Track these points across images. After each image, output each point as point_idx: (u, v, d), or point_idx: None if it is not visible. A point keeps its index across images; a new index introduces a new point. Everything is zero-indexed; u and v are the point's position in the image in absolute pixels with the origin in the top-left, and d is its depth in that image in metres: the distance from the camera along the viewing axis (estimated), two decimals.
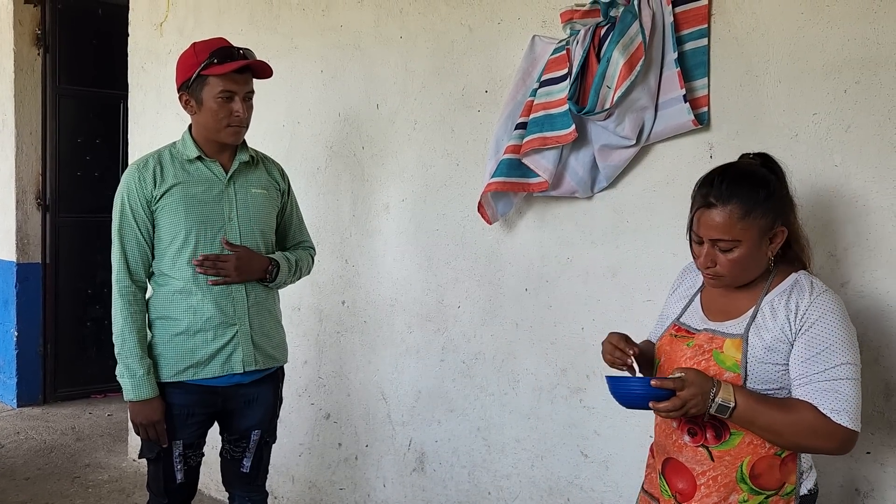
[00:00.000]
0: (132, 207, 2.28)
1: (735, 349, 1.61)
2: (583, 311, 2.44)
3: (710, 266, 1.64)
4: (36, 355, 5.24)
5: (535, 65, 2.44)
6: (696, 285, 1.81)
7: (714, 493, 1.63)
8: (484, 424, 2.73)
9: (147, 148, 4.06)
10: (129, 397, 2.27)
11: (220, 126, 2.29)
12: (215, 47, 2.27)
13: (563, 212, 2.49)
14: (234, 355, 2.33)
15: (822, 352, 1.55)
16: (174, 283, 2.31)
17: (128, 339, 2.26)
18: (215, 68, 2.24)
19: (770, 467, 1.60)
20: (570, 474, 2.50)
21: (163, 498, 2.39)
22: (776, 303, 1.61)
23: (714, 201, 1.60)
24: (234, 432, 2.46)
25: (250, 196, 2.39)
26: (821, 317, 1.56)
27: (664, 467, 1.73)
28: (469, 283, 2.75)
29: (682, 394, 1.54)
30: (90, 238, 5.31)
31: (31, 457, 4.27)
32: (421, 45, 2.84)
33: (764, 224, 1.60)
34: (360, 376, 3.13)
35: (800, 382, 1.56)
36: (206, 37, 2.38)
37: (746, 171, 1.65)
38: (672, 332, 1.75)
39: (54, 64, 5.16)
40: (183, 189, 2.29)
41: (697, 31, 2.12)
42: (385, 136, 2.99)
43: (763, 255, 1.63)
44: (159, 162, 2.32)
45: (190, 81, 2.27)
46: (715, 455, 1.63)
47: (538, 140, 2.29)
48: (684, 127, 2.14)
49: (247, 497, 2.56)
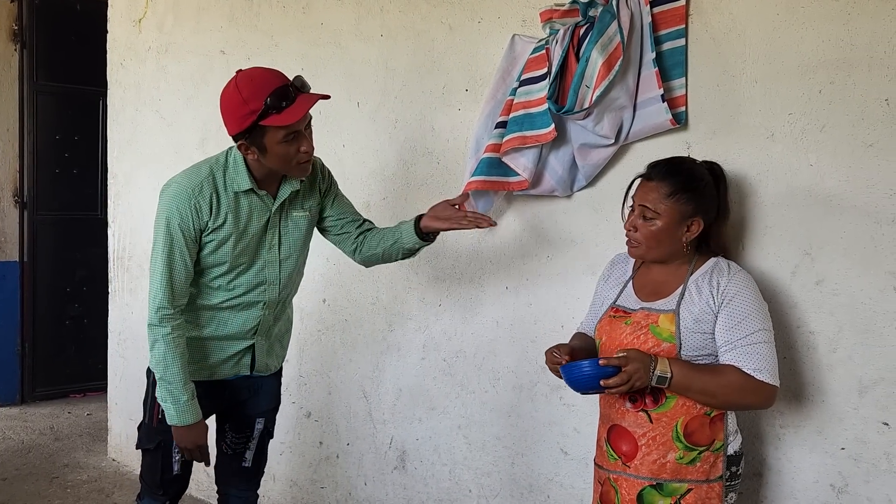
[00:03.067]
0: (185, 234, 2.14)
1: (669, 322, 1.84)
2: (562, 309, 2.46)
3: (631, 231, 1.92)
4: (14, 354, 5.19)
5: (514, 64, 2.44)
6: (627, 272, 2.04)
7: (654, 451, 1.85)
8: (465, 422, 2.74)
9: (126, 146, 4.05)
10: (174, 422, 2.20)
11: (290, 167, 2.14)
12: (269, 91, 2.00)
13: (543, 210, 2.50)
14: (244, 360, 2.34)
15: (741, 321, 1.79)
16: (205, 299, 2.26)
17: (170, 364, 2.16)
18: (276, 118, 2.00)
19: (701, 425, 1.83)
20: (551, 471, 2.51)
21: (157, 489, 2.37)
22: (700, 281, 1.87)
23: (652, 175, 1.89)
24: (240, 421, 2.44)
25: (292, 221, 2.31)
26: (738, 292, 1.82)
27: (609, 434, 1.94)
28: (450, 282, 2.76)
29: (627, 369, 1.76)
30: (69, 236, 5.28)
31: (9, 457, 4.23)
32: (401, 43, 2.84)
33: (683, 210, 1.85)
34: (340, 374, 3.13)
35: (725, 349, 1.80)
36: (186, 35, 2.38)
37: (687, 165, 1.92)
38: (611, 314, 1.97)
39: (31, 60, 5.10)
40: (234, 221, 2.18)
41: (675, 32, 2.14)
42: (366, 135, 2.99)
43: (678, 239, 1.88)
44: (215, 188, 2.16)
45: (248, 131, 2.05)
46: (653, 417, 1.85)
47: (518, 139, 2.30)
48: (662, 126, 2.16)
49: (243, 496, 2.53)
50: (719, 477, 1.85)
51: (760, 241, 2.05)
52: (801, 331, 1.99)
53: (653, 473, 1.85)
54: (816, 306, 1.96)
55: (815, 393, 1.98)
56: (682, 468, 1.84)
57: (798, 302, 1.99)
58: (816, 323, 1.97)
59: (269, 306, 2.30)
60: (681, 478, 1.84)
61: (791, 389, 2.01)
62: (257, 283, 2.27)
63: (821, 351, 1.97)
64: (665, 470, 1.84)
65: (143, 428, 2.39)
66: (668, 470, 1.84)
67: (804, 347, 1.99)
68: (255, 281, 2.26)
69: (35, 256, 5.23)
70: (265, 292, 2.28)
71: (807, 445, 2.00)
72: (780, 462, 2.04)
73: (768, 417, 2.06)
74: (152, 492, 2.39)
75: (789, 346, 2.00)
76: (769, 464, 2.07)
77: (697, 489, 1.84)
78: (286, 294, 2.36)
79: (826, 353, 1.96)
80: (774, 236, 2.03)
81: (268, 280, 2.28)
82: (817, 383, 1.98)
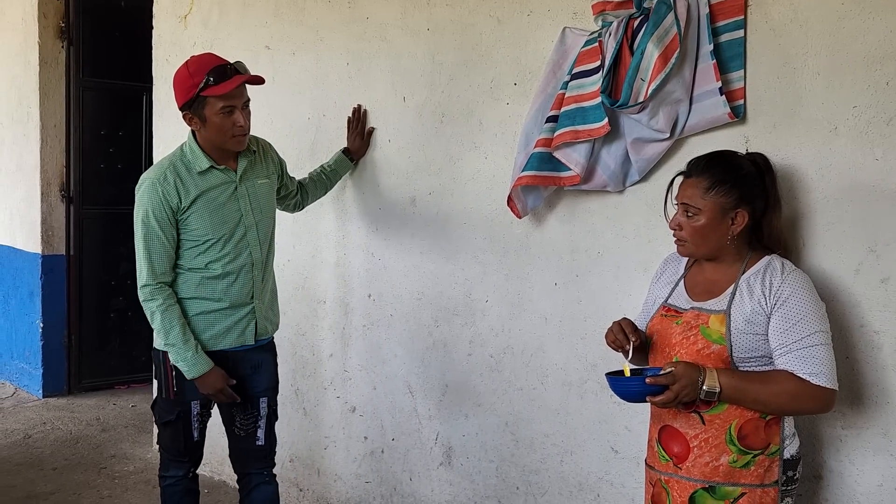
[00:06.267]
0: (158, 219, 2.47)
1: (719, 324, 1.80)
2: (614, 306, 2.42)
3: (676, 229, 1.89)
4: (60, 346, 5.29)
5: (565, 57, 2.41)
6: (679, 271, 2.01)
7: (706, 453, 1.81)
8: (512, 419, 2.72)
9: (172, 140, 4.07)
10: (192, 376, 2.50)
11: (225, 138, 2.49)
12: (210, 67, 2.41)
13: (594, 206, 2.46)
14: (248, 330, 2.62)
15: (796, 323, 1.74)
16: (197, 273, 2.55)
17: (170, 329, 2.48)
18: (213, 89, 2.40)
19: (756, 429, 1.78)
20: (601, 470, 2.49)
21: (183, 456, 2.67)
22: (752, 281, 1.82)
23: (690, 172, 1.87)
24: (245, 401, 2.64)
25: (257, 187, 2.63)
26: (793, 293, 1.76)
27: (660, 434, 1.90)
28: (497, 278, 2.74)
29: (674, 387, 1.73)
30: (113, 230, 5.34)
31: (58, 447, 4.31)
32: (448, 37, 2.82)
33: (725, 202, 1.81)
34: (386, 370, 3.13)
35: (779, 352, 1.76)
36: (231, 30, 2.40)
37: (725, 158, 1.88)
38: (662, 313, 1.94)
39: (78, 57, 5.17)
40: (205, 198, 2.52)
41: (733, 23, 2.09)
42: (412, 129, 2.97)
43: (723, 232, 1.84)
44: (177, 174, 2.50)
45: (191, 102, 2.43)
46: (706, 419, 1.81)
47: (570, 133, 2.27)
48: (720, 120, 2.11)
49: (263, 473, 2.72)
50: (775, 482, 1.80)
51: (822, 238, 2.00)
52: (865, 330, 1.93)
53: (705, 476, 1.81)
54: (882, 305, 1.91)
55: (880, 394, 1.92)
56: (735, 472, 1.79)
57: (861, 300, 1.94)
58: (881, 322, 1.91)
59: (257, 266, 2.62)
60: (734, 481, 1.79)
61: (853, 391, 1.95)
62: (243, 247, 2.59)
63: (885, 351, 1.91)
64: (718, 473, 1.80)
65: (159, 403, 2.67)
66: (720, 473, 1.80)
67: (868, 348, 1.94)
68: (240, 245, 2.58)
69: (81, 250, 5.32)
70: (251, 254, 2.60)
71: (870, 448, 1.94)
72: (842, 465, 1.99)
73: (829, 420, 2.00)
74: (177, 461, 2.67)
75: (852, 347, 1.95)
76: (830, 466, 2.02)
77: (751, 493, 1.79)
78: (266, 253, 2.67)
79: (891, 353, 1.90)
80: (837, 233, 1.97)
81: (250, 242, 2.60)
82: (882, 384, 1.92)
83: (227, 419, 2.71)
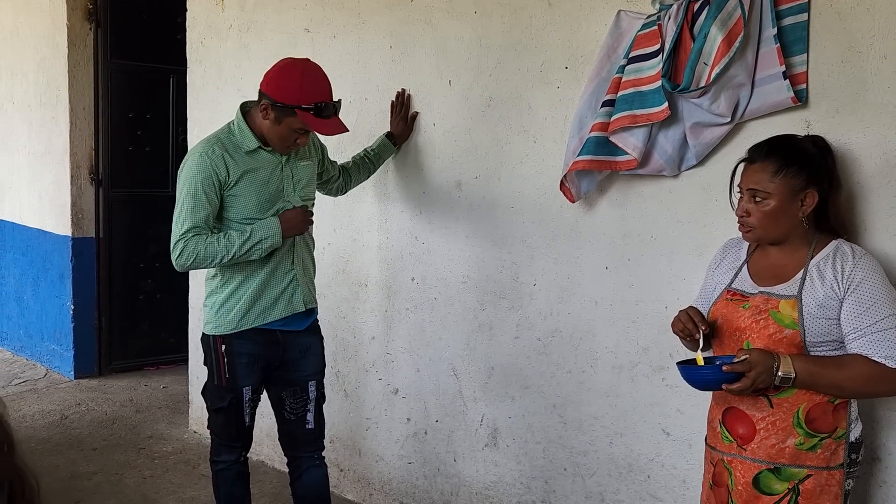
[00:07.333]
0: (205, 187, 2.47)
1: (791, 308, 1.80)
2: (667, 290, 2.43)
3: (743, 216, 1.88)
4: (91, 328, 5.33)
5: (620, 41, 2.40)
6: (741, 257, 1.99)
7: (772, 436, 1.83)
8: (560, 401, 2.74)
9: (208, 124, 4.07)
10: (277, 240, 2.53)
11: (279, 144, 2.54)
12: (321, 99, 2.45)
13: (647, 190, 2.47)
14: (295, 296, 2.63)
15: (870, 308, 1.75)
16: None
17: (226, 245, 2.47)
18: (308, 117, 2.44)
19: (824, 412, 1.80)
20: (652, 452, 2.51)
21: (235, 441, 2.70)
22: (822, 266, 1.82)
23: (754, 157, 1.87)
24: (294, 386, 2.68)
25: (300, 169, 2.66)
26: (865, 277, 1.77)
27: (724, 416, 1.92)
28: (545, 261, 2.75)
29: (750, 374, 1.74)
30: (142, 212, 5.36)
31: (95, 428, 4.35)
32: (496, 19, 2.81)
33: (795, 184, 1.82)
34: (429, 352, 3.15)
35: (853, 336, 1.77)
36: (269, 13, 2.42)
37: (788, 140, 1.90)
38: (727, 297, 1.93)
39: (105, 39, 5.16)
40: (251, 176, 2.54)
41: (797, 6, 2.08)
42: (457, 113, 2.97)
43: (793, 215, 1.84)
44: (225, 150, 2.51)
45: (282, 104, 2.44)
46: (774, 402, 1.83)
47: (628, 118, 2.27)
48: (782, 104, 2.11)
49: (314, 456, 2.75)
50: (840, 464, 1.82)
51: (885, 223, 2.00)
52: None
53: (770, 458, 1.84)
54: None
55: None
56: (801, 454, 1.82)
57: None
58: None
59: (298, 241, 2.65)
60: (800, 463, 1.82)
61: None
62: None
63: None
64: (784, 455, 1.83)
65: (210, 389, 2.69)
66: (786, 455, 1.83)
67: None
68: None
69: (110, 233, 5.34)
70: None
71: None
72: None
73: (888, 402, 2.02)
74: (229, 446, 2.70)
75: None
76: (889, 447, 2.04)
77: (817, 475, 1.82)
78: None
79: None
80: None
81: None
82: None
83: (276, 403, 2.74)
